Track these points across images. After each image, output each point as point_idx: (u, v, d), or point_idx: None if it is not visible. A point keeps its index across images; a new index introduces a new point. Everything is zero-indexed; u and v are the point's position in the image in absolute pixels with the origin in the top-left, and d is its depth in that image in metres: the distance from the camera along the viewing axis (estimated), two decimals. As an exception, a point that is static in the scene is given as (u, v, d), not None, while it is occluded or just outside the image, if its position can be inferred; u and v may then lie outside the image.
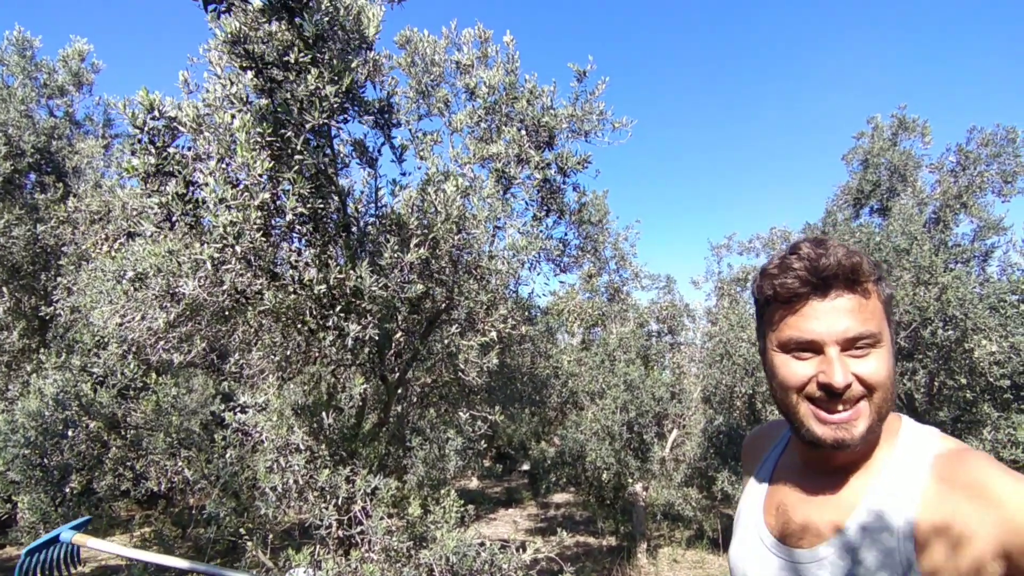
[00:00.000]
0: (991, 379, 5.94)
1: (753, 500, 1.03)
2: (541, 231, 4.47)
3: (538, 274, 4.45)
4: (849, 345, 0.83)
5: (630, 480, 8.35)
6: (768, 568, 0.93)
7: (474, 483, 18.57)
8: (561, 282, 10.84)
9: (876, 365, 0.83)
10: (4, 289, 6.41)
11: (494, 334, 4.16)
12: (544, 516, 13.97)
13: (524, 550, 4.20)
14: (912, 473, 0.84)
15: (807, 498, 0.92)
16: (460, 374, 4.16)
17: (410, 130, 4.25)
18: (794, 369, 0.87)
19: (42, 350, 5.46)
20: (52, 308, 5.79)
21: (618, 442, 8.15)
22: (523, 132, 4.22)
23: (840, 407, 0.84)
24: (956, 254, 6.60)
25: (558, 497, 15.70)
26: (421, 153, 3.77)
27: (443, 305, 4.26)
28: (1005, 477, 0.78)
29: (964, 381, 6.30)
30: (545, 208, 4.55)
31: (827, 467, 0.92)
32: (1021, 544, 0.74)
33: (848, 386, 0.82)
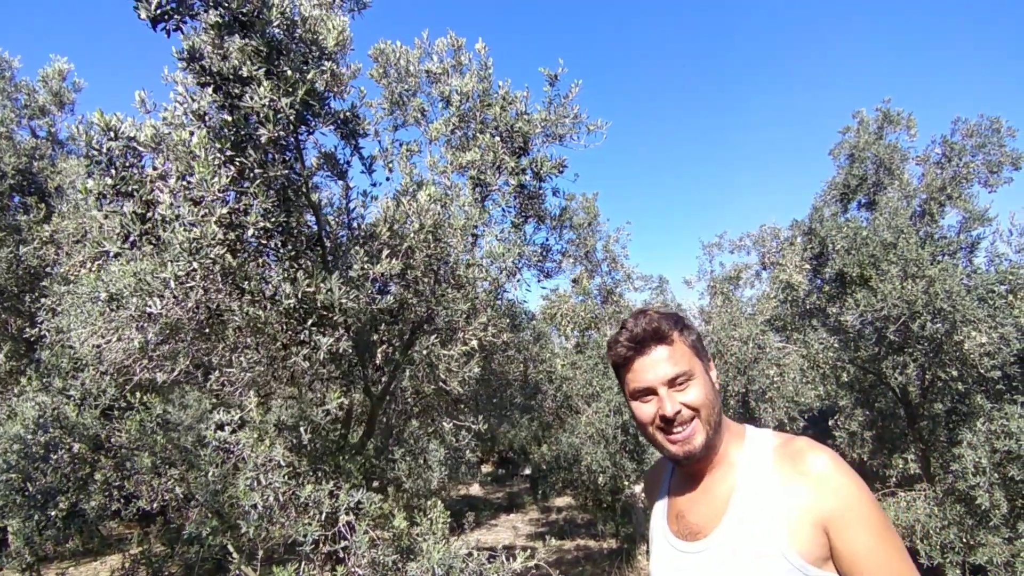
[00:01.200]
0: (982, 371, 5.90)
1: (659, 517, 1.26)
2: (520, 238, 4.44)
3: (518, 280, 4.41)
4: (671, 383, 1.10)
5: (626, 483, 8.30)
6: (677, 564, 1.14)
7: (476, 489, 18.53)
8: (545, 287, 10.79)
9: (695, 393, 1.10)
10: (-10, 311, 6.39)
11: (475, 343, 4.12)
12: (545, 520, 13.91)
13: (514, 559, 4.16)
14: (760, 463, 1.08)
15: (694, 500, 1.16)
16: (442, 384, 4.13)
17: (381, 141, 4.23)
18: (643, 410, 1.13)
19: (28, 372, 5.44)
20: (37, 330, 5.77)
21: (613, 445, 8.10)
22: (497, 139, 4.20)
23: (678, 429, 1.10)
24: (943, 246, 6.57)
25: (560, 501, 15.64)
26: (390, 164, 3.74)
27: (424, 315, 4.23)
28: (822, 455, 1.01)
29: (956, 373, 6.26)
30: (523, 215, 4.53)
31: (699, 475, 1.17)
32: (832, 511, 0.96)
33: (678, 412, 1.09)
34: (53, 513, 4.75)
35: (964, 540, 6.42)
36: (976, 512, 6.19)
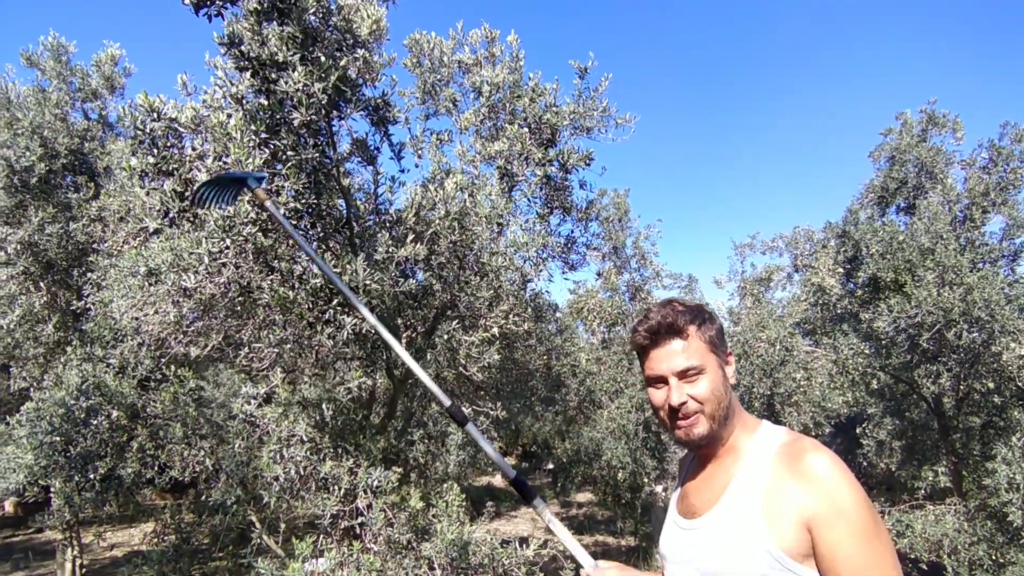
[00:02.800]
0: (1020, 384, 5.71)
1: (673, 496, 1.35)
2: (545, 228, 4.48)
3: (541, 271, 4.45)
4: (682, 375, 1.16)
5: (646, 480, 8.28)
6: (675, 539, 1.23)
7: (498, 480, 18.65)
8: (568, 278, 10.77)
9: (703, 387, 1.15)
10: (41, 284, 6.73)
11: (495, 330, 4.18)
12: (565, 515, 13.95)
13: (527, 546, 4.22)
14: (763, 458, 1.12)
15: (699, 483, 1.23)
16: (462, 369, 4.21)
17: (411, 128, 4.31)
18: (655, 395, 1.21)
19: (73, 342, 5.72)
20: (83, 302, 6.05)
21: (634, 441, 8.09)
22: (526, 130, 4.24)
23: (683, 417, 1.17)
24: (984, 254, 6.35)
25: (581, 496, 15.65)
26: (419, 151, 3.82)
27: (447, 301, 4.30)
28: (822, 456, 1.03)
29: (992, 385, 6.07)
30: (549, 206, 4.56)
31: (707, 460, 1.23)
32: (817, 511, 0.99)
33: (683, 403, 1.16)
34: (92, 476, 5.00)
35: (993, 558, 6.23)
36: (1008, 529, 6.01)
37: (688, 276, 10.56)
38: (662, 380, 1.19)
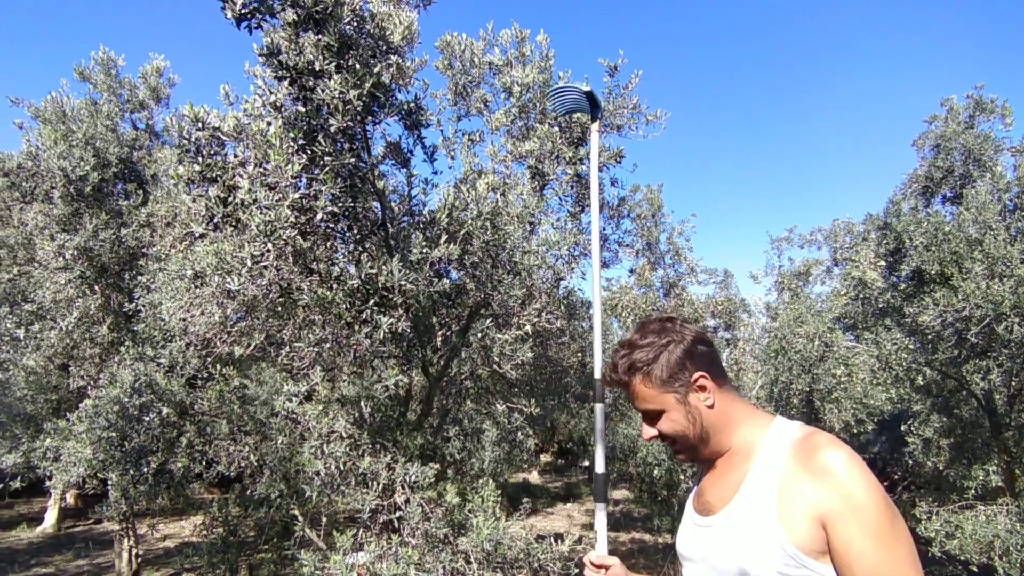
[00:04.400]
0: (1077, 379, 5.46)
1: (691, 495, 1.34)
2: (576, 226, 4.50)
3: (573, 269, 4.47)
4: (645, 416, 1.23)
5: (682, 477, 8.20)
6: (691, 536, 1.23)
7: (535, 477, 18.72)
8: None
9: (665, 426, 1.20)
10: (95, 287, 7.06)
11: (528, 328, 4.23)
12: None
13: (562, 541, 4.26)
14: (777, 453, 1.11)
15: (713, 481, 1.23)
16: (495, 366, 4.26)
17: (443, 130, 4.38)
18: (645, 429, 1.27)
19: (126, 342, 6.00)
20: (134, 304, 6.33)
21: (670, 439, 8.01)
22: (556, 129, 4.27)
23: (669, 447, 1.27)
24: (1036, 244, 6.07)
25: (617, 494, 15.59)
26: (452, 152, 3.88)
27: (480, 299, 4.37)
28: (837, 451, 1.01)
29: (1046, 381, 5.82)
30: (580, 204, 4.58)
31: (719, 462, 1.24)
32: (832, 507, 0.97)
33: (653, 438, 1.24)
34: (145, 470, 5.24)
35: (1049, 560, 5.98)
36: (1064, 531, 5.76)
37: (724, 271, 10.43)
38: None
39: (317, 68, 2.74)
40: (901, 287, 6.93)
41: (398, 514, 3.83)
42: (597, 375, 1.76)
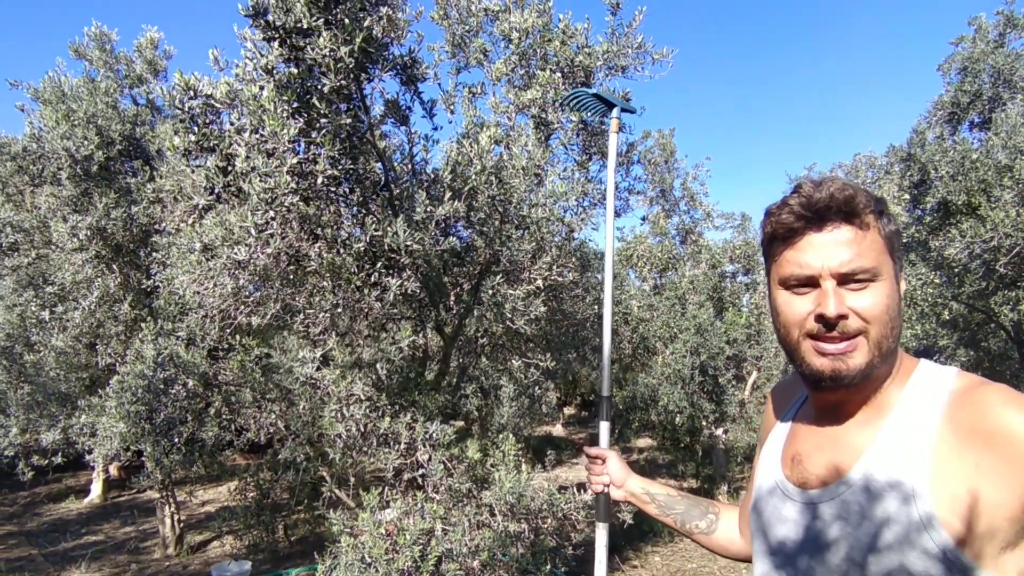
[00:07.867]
0: (1111, 305, 5.30)
1: (772, 453, 1.02)
2: (584, 176, 4.39)
3: (584, 220, 4.38)
4: (846, 279, 0.82)
5: (704, 423, 8.26)
6: (779, 512, 0.93)
7: (559, 429, 19.02)
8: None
9: (873, 299, 0.82)
10: (113, 266, 7.15)
11: (539, 282, 4.19)
12: (627, 460, 14.12)
13: (585, 491, 4.32)
14: (926, 411, 0.80)
15: (821, 445, 0.91)
16: (508, 323, 4.25)
17: (442, 84, 4.24)
18: (794, 305, 0.86)
19: (147, 319, 6.10)
20: (152, 281, 6.41)
21: (690, 385, 8.04)
22: (558, 75, 4.12)
23: (837, 339, 0.82)
24: (1069, 166, 5.81)
25: (640, 442, 15.79)
26: (452, 107, 3.77)
27: (490, 256, 4.32)
28: (1020, 411, 0.71)
29: (1078, 308, 5.66)
30: (587, 152, 4.45)
31: (837, 412, 0.90)
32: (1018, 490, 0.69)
33: (843, 317, 0.81)
34: (176, 440, 5.41)
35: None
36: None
37: (741, 215, 10.24)
38: (809, 282, 0.84)
39: (305, 26, 2.64)
40: (926, 220, 6.72)
41: (421, 471, 3.90)
42: (605, 392, 1.45)
